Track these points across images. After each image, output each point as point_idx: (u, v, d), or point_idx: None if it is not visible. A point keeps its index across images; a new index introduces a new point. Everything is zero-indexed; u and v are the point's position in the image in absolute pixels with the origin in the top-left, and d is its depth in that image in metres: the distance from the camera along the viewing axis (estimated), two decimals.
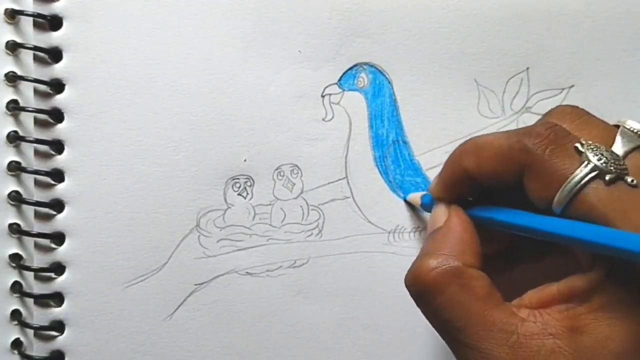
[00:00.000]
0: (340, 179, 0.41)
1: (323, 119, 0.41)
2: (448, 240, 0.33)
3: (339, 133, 0.41)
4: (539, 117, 0.40)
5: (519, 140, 0.31)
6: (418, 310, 0.40)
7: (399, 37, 0.40)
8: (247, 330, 0.41)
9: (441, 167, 0.38)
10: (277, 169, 0.41)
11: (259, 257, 0.41)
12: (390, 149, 0.41)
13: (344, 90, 0.41)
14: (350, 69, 0.40)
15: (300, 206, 0.41)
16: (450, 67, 0.41)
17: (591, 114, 0.33)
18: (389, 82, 0.41)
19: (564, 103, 0.41)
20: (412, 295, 0.33)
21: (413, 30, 0.40)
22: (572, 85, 0.41)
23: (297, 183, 0.41)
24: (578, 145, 0.30)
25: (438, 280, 0.31)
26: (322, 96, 0.41)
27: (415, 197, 0.40)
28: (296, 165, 0.41)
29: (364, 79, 0.40)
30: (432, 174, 0.41)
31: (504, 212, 0.33)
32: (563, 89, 0.41)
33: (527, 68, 0.41)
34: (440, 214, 0.35)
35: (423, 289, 0.32)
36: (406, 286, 0.33)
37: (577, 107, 0.33)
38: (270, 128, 0.40)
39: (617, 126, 0.32)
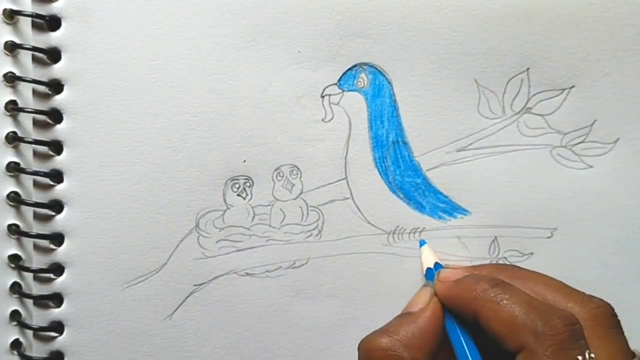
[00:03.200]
0: (339, 180, 0.41)
1: (323, 120, 0.41)
2: (411, 329, 0.34)
3: (338, 134, 0.41)
4: (539, 117, 0.41)
5: (534, 320, 0.31)
6: None
7: (399, 38, 0.40)
8: (247, 330, 0.41)
9: (441, 167, 0.39)
10: (276, 170, 0.41)
11: (259, 258, 0.41)
12: (390, 150, 0.41)
13: (343, 90, 0.40)
14: (350, 69, 0.40)
15: (300, 207, 0.41)
16: (450, 67, 0.40)
17: (623, 332, 0.32)
18: (389, 83, 0.40)
19: (564, 103, 0.41)
20: (358, 358, 0.35)
21: (413, 31, 0.40)
22: (573, 86, 0.41)
23: (296, 184, 0.41)
24: (580, 358, 0.30)
25: None
26: (322, 97, 0.40)
27: (428, 255, 0.40)
28: (296, 166, 0.41)
29: (363, 79, 0.40)
30: (432, 175, 0.41)
31: (468, 345, 0.34)
32: (564, 90, 0.41)
33: (528, 68, 0.40)
34: (421, 299, 0.36)
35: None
36: (359, 345, 0.35)
37: (616, 316, 0.33)
38: (270, 128, 0.40)
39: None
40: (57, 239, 0.40)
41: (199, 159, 0.40)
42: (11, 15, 0.39)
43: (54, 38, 0.39)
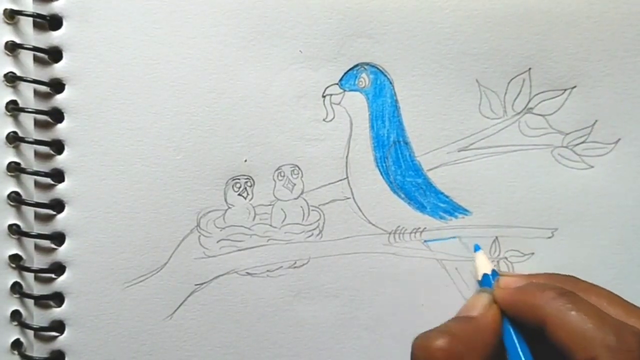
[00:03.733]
0: (340, 180, 0.41)
1: (324, 120, 0.41)
2: (472, 333, 0.34)
3: (339, 133, 0.41)
4: (541, 118, 0.41)
5: (607, 334, 0.30)
6: (418, 310, 0.41)
7: (400, 38, 0.40)
8: (247, 330, 0.41)
9: (442, 167, 0.39)
10: (277, 170, 0.41)
11: (259, 258, 0.41)
12: (391, 150, 0.41)
13: (345, 90, 0.40)
14: (352, 69, 0.40)
15: (301, 207, 0.41)
16: (451, 67, 0.40)
17: None
18: (390, 83, 0.40)
19: (566, 104, 0.41)
20: (412, 356, 0.34)
21: (415, 31, 0.40)
22: (575, 86, 0.41)
23: (297, 183, 0.41)
24: None
25: None
26: (323, 96, 0.40)
27: (483, 261, 0.40)
28: (297, 166, 0.41)
29: (365, 79, 0.40)
30: (433, 175, 0.41)
31: (524, 354, 0.34)
32: (565, 90, 0.41)
33: (529, 69, 0.40)
34: (479, 304, 0.36)
35: (421, 359, 0.33)
36: (413, 343, 0.34)
37: None
38: (271, 128, 0.40)
39: None
40: (58, 238, 0.40)
41: (200, 159, 0.40)
42: (12, 16, 0.39)
43: (55, 37, 0.39)
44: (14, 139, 0.39)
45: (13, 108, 0.39)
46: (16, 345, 0.41)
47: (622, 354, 0.30)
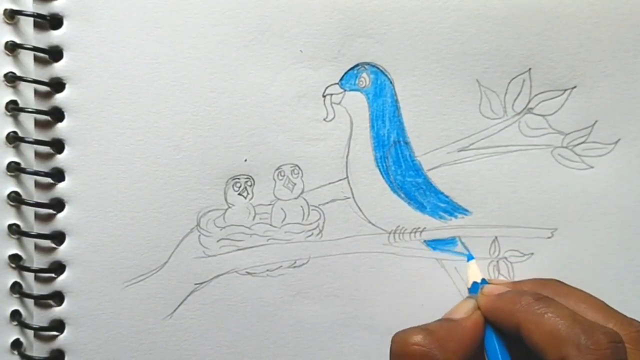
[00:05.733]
0: (341, 179, 0.41)
1: (324, 119, 0.41)
2: (450, 333, 0.34)
3: (340, 133, 0.41)
4: (541, 118, 0.41)
5: (577, 334, 0.31)
6: (418, 310, 0.41)
7: (400, 37, 0.40)
8: (247, 329, 0.41)
9: (442, 167, 0.39)
10: (277, 169, 0.41)
11: (259, 257, 0.41)
12: (392, 150, 0.41)
13: (345, 90, 0.40)
14: (352, 69, 0.40)
15: (301, 206, 0.41)
16: (452, 67, 0.40)
17: None
18: (391, 83, 0.40)
19: (566, 104, 0.41)
20: (390, 349, 0.35)
21: (415, 31, 0.40)
22: (575, 86, 0.41)
23: (297, 183, 0.41)
24: None
25: (410, 355, 0.33)
26: (324, 96, 0.40)
27: (475, 270, 0.40)
28: (297, 166, 0.41)
29: (365, 79, 0.40)
30: (433, 175, 0.41)
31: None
32: (565, 90, 0.41)
33: (529, 69, 0.40)
34: (464, 308, 0.36)
35: (397, 352, 0.34)
36: (392, 338, 0.35)
37: None
38: (271, 128, 0.40)
39: None
40: (58, 238, 0.40)
41: (200, 158, 0.40)
42: (12, 15, 0.39)
43: (55, 37, 0.39)
44: (14, 139, 0.39)
45: (13, 108, 0.39)
46: (16, 345, 0.41)
47: (591, 352, 0.30)
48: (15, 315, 0.41)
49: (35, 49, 0.38)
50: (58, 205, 0.40)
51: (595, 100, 0.41)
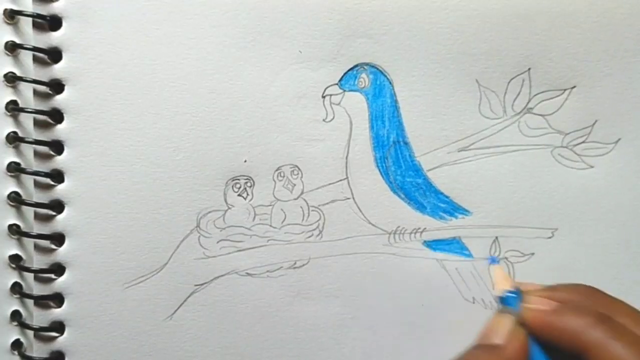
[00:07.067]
0: (340, 180, 0.41)
1: (324, 120, 0.41)
2: None
3: (339, 134, 0.41)
4: (541, 118, 0.41)
5: None
6: (418, 311, 0.41)
7: (400, 38, 0.40)
8: (247, 330, 0.41)
9: (442, 167, 0.39)
10: (277, 170, 0.41)
11: (259, 258, 0.41)
12: (391, 150, 0.41)
13: (344, 90, 0.40)
14: (351, 69, 0.40)
15: (301, 207, 0.41)
16: (451, 67, 0.40)
17: None
18: (390, 83, 0.40)
19: (565, 104, 0.41)
20: None
21: (414, 31, 0.40)
22: (574, 86, 0.41)
23: (297, 184, 0.41)
24: None
25: None
26: (323, 97, 0.40)
27: (502, 277, 0.35)
28: (296, 166, 0.41)
29: (364, 79, 0.40)
30: (433, 175, 0.41)
31: None
32: (565, 90, 0.41)
33: (529, 69, 0.40)
34: (502, 328, 0.33)
35: None
36: None
37: None
38: (271, 128, 0.40)
39: None
40: (58, 239, 0.40)
41: (200, 159, 0.40)
42: (12, 16, 0.39)
43: (54, 38, 0.39)
44: (13, 139, 0.39)
45: (13, 108, 0.39)
46: (16, 345, 0.41)
47: None
48: (15, 315, 0.41)
49: (35, 49, 0.39)
50: (58, 206, 0.40)
51: (595, 99, 0.41)
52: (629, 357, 0.30)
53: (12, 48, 0.39)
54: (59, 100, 0.39)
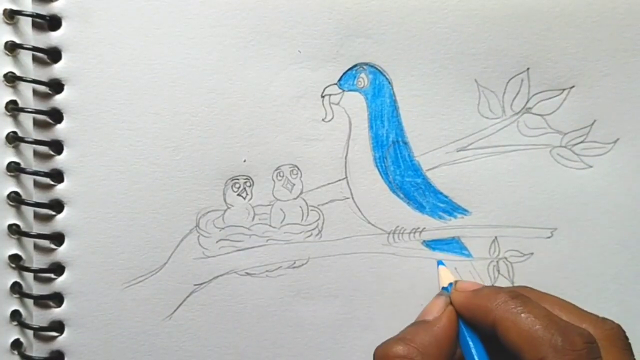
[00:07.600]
0: (340, 180, 0.41)
1: (323, 120, 0.41)
2: (427, 337, 0.34)
3: (338, 133, 0.41)
4: (539, 118, 0.41)
5: (554, 335, 0.31)
6: (417, 310, 0.41)
7: (399, 38, 0.40)
8: (247, 330, 0.41)
9: (441, 167, 0.39)
10: (276, 170, 0.41)
11: (259, 258, 0.41)
12: (390, 150, 0.41)
13: (344, 90, 0.40)
14: (350, 69, 0.40)
15: (300, 207, 0.41)
16: (450, 67, 0.40)
17: (633, 354, 0.33)
18: (389, 83, 0.40)
19: (564, 104, 0.41)
20: None
21: (413, 31, 0.40)
22: (573, 86, 0.41)
23: (296, 183, 0.41)
24: None
25: None
26: (322, 96, 0.40)
27: (446, 274, 0.39)
28: (296, 166, 0.41)
29: (364, 79, 0.40)
30: (432, 175, 0.41)
31: (479, 355, 0.34)
32: (564, 90, 0.41)
33: (528, 68, 0.40)
34: (436, 307, 0.36)
35: None
36: (374, 352, 0.35)
37: (627, 339, 0.33)
38: (270, 128, 0.40)
39: None
40: (58, 238, 0.40)
41: (199, 159, 0.40)
42: (11, 15, 0.39)
43: (54, 38, 0.39)
44: (13, 139, 0.40)
45: (13, 108, 0.39)
46: (16, 345, 0.41)
47: (568, 354, 0.30)
48: (15, 315, 0.41)
49: (34, 49, 0.39)
50: (57, 206, 0.40)
51: (594, 99, 0.41)
52: (536, 330, 0.31)
53: (12, 48, 0.39)
54: (59, 100, 0.39)
